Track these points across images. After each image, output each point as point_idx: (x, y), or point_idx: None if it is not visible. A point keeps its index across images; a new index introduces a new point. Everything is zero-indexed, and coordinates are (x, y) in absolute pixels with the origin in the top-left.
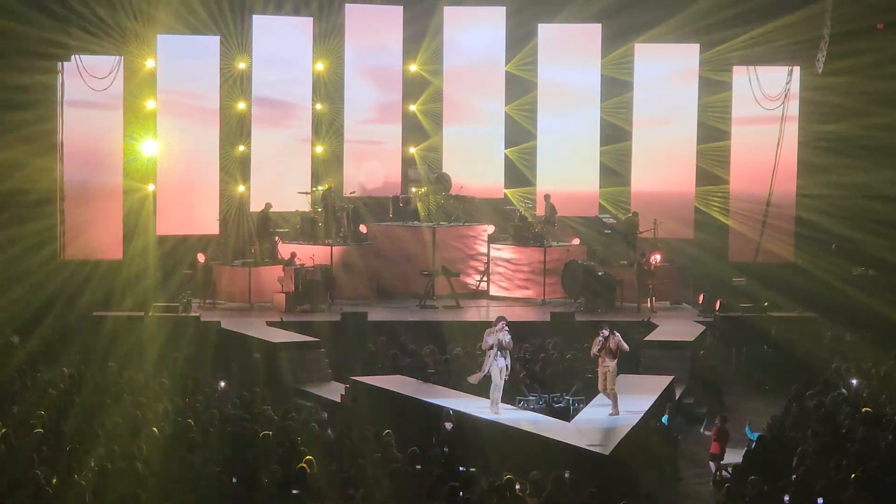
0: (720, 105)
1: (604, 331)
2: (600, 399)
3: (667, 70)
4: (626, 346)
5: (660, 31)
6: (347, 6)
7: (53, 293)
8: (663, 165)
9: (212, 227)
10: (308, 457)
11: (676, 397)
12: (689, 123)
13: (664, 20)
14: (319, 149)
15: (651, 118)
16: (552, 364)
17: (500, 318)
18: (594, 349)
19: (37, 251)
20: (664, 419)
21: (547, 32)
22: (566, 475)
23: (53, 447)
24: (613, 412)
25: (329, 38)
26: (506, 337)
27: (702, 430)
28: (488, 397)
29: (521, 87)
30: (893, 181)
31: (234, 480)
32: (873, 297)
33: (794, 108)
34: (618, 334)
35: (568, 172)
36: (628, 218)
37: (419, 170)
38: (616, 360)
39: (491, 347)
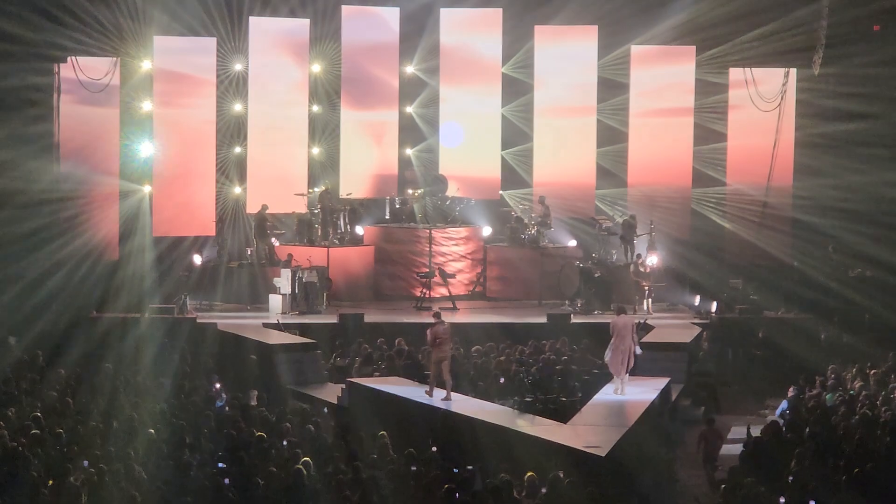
0: (716, 106)
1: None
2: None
3: (663, 72)
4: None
5: (656, 32)
6: (343, 8)
7: (50, 294)
8: (659, 166)
9: (208, 228)
10: (305, 458)
11: (673, 399)
12: (686, 125)
13: (660, 22)
14: (316, 150)
15: (647, 119)
16: (549, 365)
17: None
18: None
19: (33, 252)
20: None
21: (543, 34)
22: (560, 476)
23: (50, 449)
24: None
25: (325, 39)
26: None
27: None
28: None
29: (517, 89)
30: (890, 182)
31: (227, 482)
32: (870, 299)
33: (790, 109)
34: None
35: (564, 174)
36: (626, 220)
37: (416, 171)
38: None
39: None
